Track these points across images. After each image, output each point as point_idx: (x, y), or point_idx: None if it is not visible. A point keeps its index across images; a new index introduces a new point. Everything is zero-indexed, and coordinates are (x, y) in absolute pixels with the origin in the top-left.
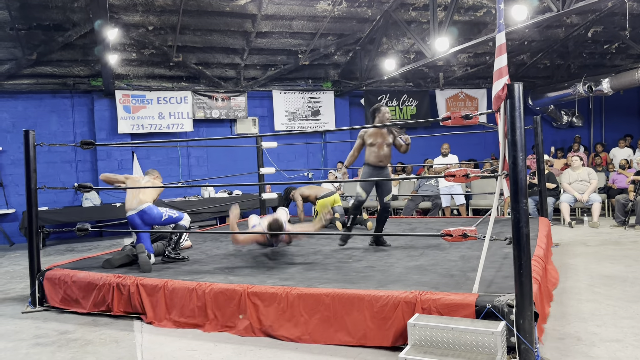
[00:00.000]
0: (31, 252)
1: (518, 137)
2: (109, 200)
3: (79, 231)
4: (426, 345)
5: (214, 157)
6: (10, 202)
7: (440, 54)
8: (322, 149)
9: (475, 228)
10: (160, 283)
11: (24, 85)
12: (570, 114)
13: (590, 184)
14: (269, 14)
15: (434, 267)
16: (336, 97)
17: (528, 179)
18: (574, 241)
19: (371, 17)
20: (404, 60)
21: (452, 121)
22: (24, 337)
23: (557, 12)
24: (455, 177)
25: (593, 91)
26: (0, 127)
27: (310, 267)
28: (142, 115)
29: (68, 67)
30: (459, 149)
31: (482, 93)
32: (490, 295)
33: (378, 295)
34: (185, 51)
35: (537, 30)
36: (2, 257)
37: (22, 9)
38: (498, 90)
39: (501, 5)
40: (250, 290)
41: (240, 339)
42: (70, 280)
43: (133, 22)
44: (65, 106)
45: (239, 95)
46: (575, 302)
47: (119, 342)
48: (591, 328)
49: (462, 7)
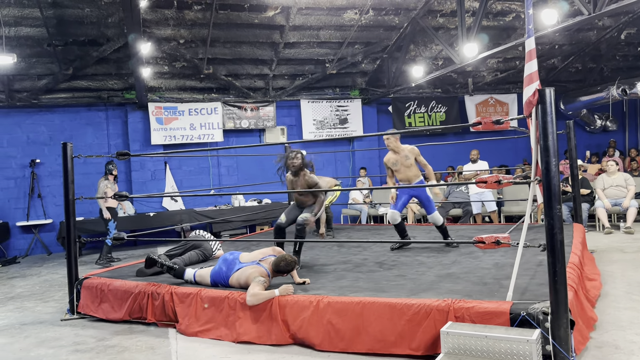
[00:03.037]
0: (69, 261)
1: (550, 142)
2: (142, 210)
3: (115, 240)
4: (460, 354)
5: (244, 167)
6: (47, 212)
7: (469, 60)
8: (350, 157)
9: (509, 235)
10: (194, 291)
11: (60, 99)
12: (603, 118)
13: (627, 189)
14: (297, 25)
15: (467, 275)
16: (364, 105)
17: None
18: (610, 248)
19: (398, 24)
20: (432, 67)
21: (483, 126)
22: (63, 343)
23: (588, 16)
24: (487, 183)
25: (627, 94)
26: (38, 140)
27: (341, 275)
28: (174, 127)
29: (102, 80)
30: (490, 154)
31: (512, 98)
32: (525, 303)
33: (410, 304)
34: (215, 63)
35: (568, 34)
36: (41, 266)
37: (59, 26)
38: (529, 96)
39: (530, 10)
40: (282, 300)
41: (272, 348)
42: (107, 289)
43: (165, 36)
44: (100, 119)
45: (267, 105)
46: (613, 309)
47: (155, 349)
48: (630, 336)
49: (490, 12)
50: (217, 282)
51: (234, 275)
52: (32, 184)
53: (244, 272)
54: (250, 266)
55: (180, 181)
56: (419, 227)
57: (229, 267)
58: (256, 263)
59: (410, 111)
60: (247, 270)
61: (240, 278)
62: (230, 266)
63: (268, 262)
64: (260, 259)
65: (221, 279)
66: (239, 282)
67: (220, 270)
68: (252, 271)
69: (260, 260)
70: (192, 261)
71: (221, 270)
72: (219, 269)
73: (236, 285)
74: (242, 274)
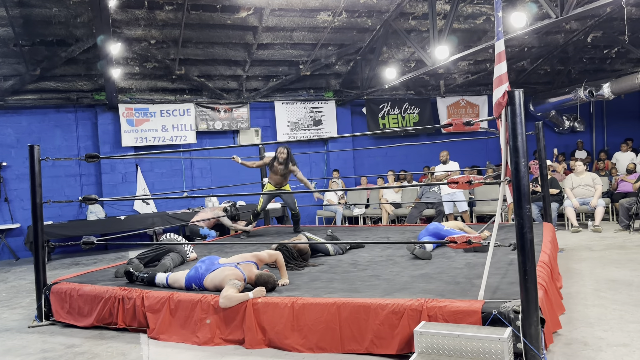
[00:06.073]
0: (37, 266)
1: (520, 143)
2: (113, 213)
3: (84, 245)
4: (433, 353)
5: (217, 169)
6: (15, 216)
7: (441, 62)
8: (324, 158)
9: (480, 234)
10: (165, 295)
11: (27, 101)
12: (571, 119)
13: (595, 189)
14: (270, 26)
15: (440, 275)
16: (338, 107)
17: (530, 185)
18: (579, 246)
19: (371, 27)
20: (405, 69)
21: (454, 128)
22: (30, 351)
23: (556, 19)
24: (458, 184)
25: (594, 96)
26: (5, 142)
27: (315, 276)
28: (146, 128)
29: (71, 81)
30: (462, 155)
31: (483, 100)
32: (496, 302)
33: (384, 304)
34: (188, 64)
35: (537, 37)
36: (8, 272)
37: (26, 25)
38: (499, 97)
39: (499, 13)
40: (255, 302)
41: (246, 351)
42: (77, 294)
43: (135, 36)
44: (69, 120)
45: (241, 107)
46: (582, 307)
47: (126, 355)
48: (598, 333)
49: (461, 15)
50: (191, 284)
51: (210, 276)
52: None
53: (221, 272)
54: (227, 267)
55: (152, 184)
56: (393, 228)
57: (207, 267)
58: (234, 265)
59: (384, 112)
60: (224, 271)
61: (215, 279)
62: (209, 266)
63: (247, 268)
64: (238, 262)
65: (196, 279)
66: (214, 282)
67: (198, 270)
68: (228, 273)
69: (239, 264)
70: (175, 265)
71: (198, 270)
72: (197, 268)
73: (210, 287)
74: (218, 274)
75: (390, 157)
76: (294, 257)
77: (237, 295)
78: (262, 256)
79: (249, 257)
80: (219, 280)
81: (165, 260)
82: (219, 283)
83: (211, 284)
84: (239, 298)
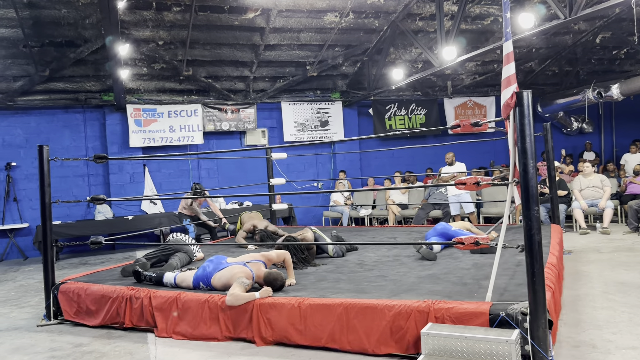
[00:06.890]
0: (46, 266)
1: (528, 144)
2: (121, 213)
3: (92, 244)
4: (440, 355)
5: (224, 169)
6: (24, 216)
7: (448, 63)
8: (331, 159)
9: (488, 236)
10: (173, 295)
11: (36, 101)
12: (580, 120)
13: (603, 190)
14: (277, 27)
15: (447, 276)
16: (344, 108)
17: (539, 187)
18: (587, 248)
19: (378, 27)
20: (412, 70)
21: (462, 129)
22: (39, 350)
23: (564, 20)
24: (466, 185)
25: (603, 97)
26: (14, 142)
27: (322, 277)
28: (153, 129)
29: (80, 82)
30: (469, 156)
31: (490, 101)
32: (504, 304)
33: (391, 305)
34: (195, 65)
35: (545, 38)
36: (17, 271)
37: (35, 27)
38: (507, 99)
39: (507, 14)
40: (263, 302)
41: (254, 350)
42: (85, 294)
43: (143, 38)
44: (77, 121)
45: (248, 107)
46: (590, 309)
47: (133, 354)
48: (606, 335)
49: (468, 16)
50: (199, 283)
51: (217, 274)
52: (7, 188)
53: (230, 270)
54: (236, 265)
55: (159, 184)
56: (399, 229)
57: (215, 266)
58: (243, 264)
59: (391, 114)
60: (233, 269)
61: (223, 277)
62: (216, 265)
63: (255, 266)
64: (247, 260)
65: (204, 278)
66: (222, 280)
67: (205, 269)
68: (237, 271)
69: (248, 262)
70: (182, 265)
71: (206, 269)
72: (205, 267)
73: (218, 285)
74: (226, 273)
75: (396, 158)
76: (300, 249)
77: (244, 294)
78: (271, 256)
79: (257, 256)
80: (227, 278)
81: (172, 260)
82: (227, 281)
83: (219, 282)
84: (245, 297)
